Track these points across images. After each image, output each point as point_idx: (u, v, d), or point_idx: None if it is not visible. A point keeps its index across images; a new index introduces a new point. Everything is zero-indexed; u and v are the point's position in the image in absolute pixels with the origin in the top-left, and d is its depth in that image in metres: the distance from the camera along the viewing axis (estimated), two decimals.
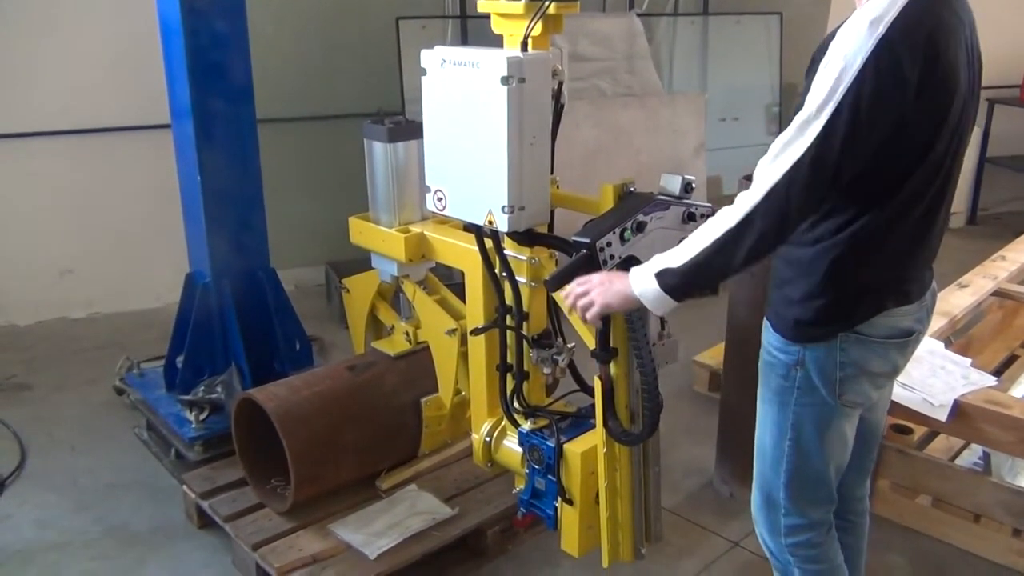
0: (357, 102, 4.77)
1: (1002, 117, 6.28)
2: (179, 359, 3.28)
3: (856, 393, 1.71)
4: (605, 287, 1.74)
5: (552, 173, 2.17)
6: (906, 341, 1.71)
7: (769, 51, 5.85)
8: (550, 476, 2.23)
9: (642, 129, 4.94)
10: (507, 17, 2.08)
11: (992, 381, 2.84)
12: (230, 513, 2.64)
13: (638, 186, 2.07)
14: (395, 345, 2.81)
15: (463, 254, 2.39)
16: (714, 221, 1.58)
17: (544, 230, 2.19)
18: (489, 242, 2.22)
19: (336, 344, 4.15)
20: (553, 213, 2.20)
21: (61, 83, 4.26)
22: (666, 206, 1.99)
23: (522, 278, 2.22)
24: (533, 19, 1.99)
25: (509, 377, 2.30)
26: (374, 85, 4.88)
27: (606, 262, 1.88)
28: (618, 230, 1.90)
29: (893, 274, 1.66)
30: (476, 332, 2.34)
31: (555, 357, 2.24)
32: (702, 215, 2.00)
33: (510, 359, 2.28)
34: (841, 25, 1.50)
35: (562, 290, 1.86)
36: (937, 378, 2.78)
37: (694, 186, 2.03)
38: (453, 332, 2.52)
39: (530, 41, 2.01)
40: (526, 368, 2.28)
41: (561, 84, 2.12)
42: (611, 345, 2.03)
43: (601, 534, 2.18)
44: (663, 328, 2.08)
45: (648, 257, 1.70)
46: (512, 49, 2.04)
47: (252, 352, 3.21)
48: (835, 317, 1.66)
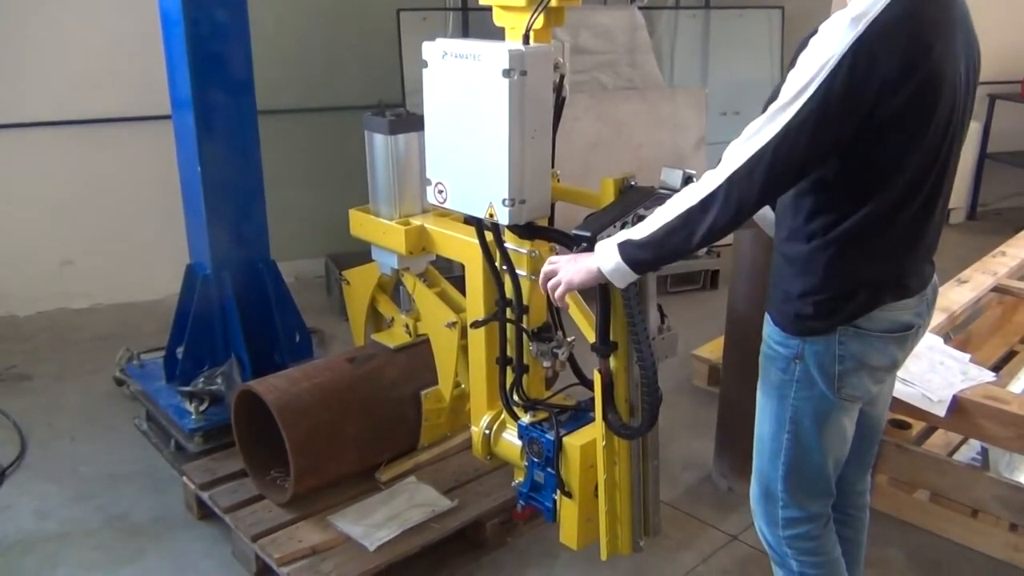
0: (358, 94, 4.77)
1: (1003, 113, 6.26)
2: (179, 350, 3.28)
3: (855, 387, 1.71)
4: (570, 265, 1.78)
5: (553, 167, 2.17)
6: (905, 335, 1.71)
7: (770, 45, 5.84)
8: (549, 469, 2.24)
9: (643, 123, 4.93)
10: (509, 10, 2.07)
11: (991, 377, 2.85)
12: (230, 504, 2.64)
13: (639, 180, 2.07)
14: (395, 338, 2.82)
15: (463, 247, 2.40)
16: (679, 197, 1.61)
17: (544, 223, 2.19)
18: (490, 235, 2.23)
19: (336, 336, 4.15)
20: (554, 207, 2.20)
21: (61, 73, 4.26)
22: (667, 200, 1.98)
23: (522, 271, 2.22)
24: (535, 12, 1.98)
25: (509, 370, 2.31)
26: (375, 77, 4.87)
27: None
28: (619, 224, 1.90)
29: (891, 268, 1.66)
30: (476, 325, 2.34)
31: (555, 350, 2.24)
32: None
33: (510, 352, 2.29)
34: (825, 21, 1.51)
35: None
36: (936, 373, 2.78)
37: (695, 179, 2.02)
38: (453, 325, 2.53)
39: (532, 34, 2.01)
40: (526, 361, 2.29)
41: (563, 77, 2.11)
42: (611, 339, 2.03)
43: (600, 527, 2.19)
44: (663, 322, 2.08)
45: None
46: (514, 42, 2.04)
47: (252, 344, 3.21)
48: (834, 311, 1.66)
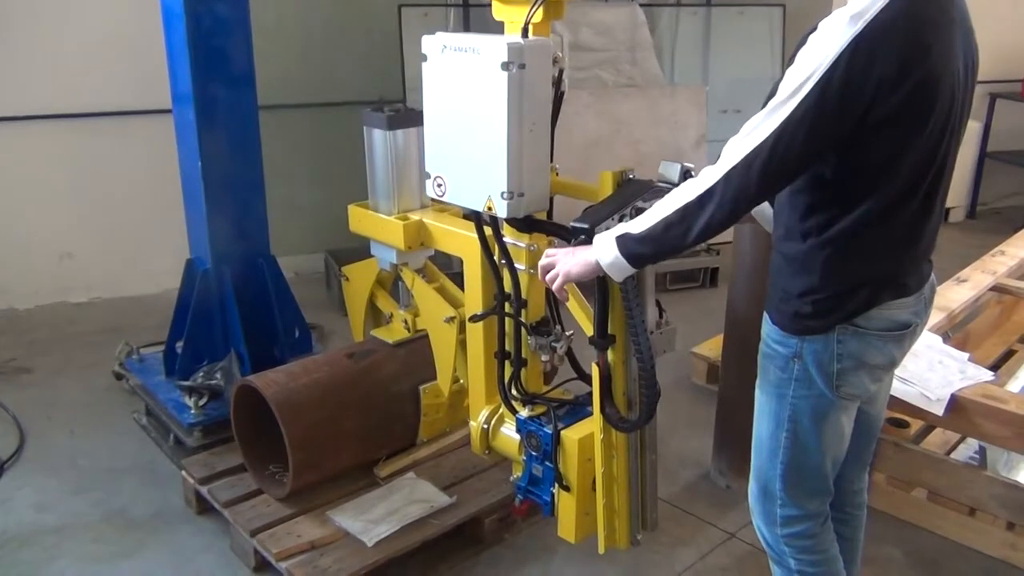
0: (358, 90, 4.77)
1: (1003, 112, 6.26)
2: (179, 345, 3.29)
3: (853, 385, 1.71)
4: (568, 257, 1.79)
5: (552, 161, 2.17)
6: (903, 334, 1.71)
7: (771, 43, 5.83)
8: (547, 463, 2.24)
9: (643, 120, 4.93)
10: (508, 3, 2.07)
11: (989, 376, 2.85)
12: (229, 499, 2.65)
13: (639, 177, 2.07)
14: (394, 333, 2.82)
15: (462, 242, 2.40)
16: (678, 192, 1.62)
17: (543, 217, 2.19)
18: (488, 229, 2.23)
19: (335, 332, 4.15)
20: (552, 201, 2.20)
21: (62, 67, 4.26)
22: (665, 193, 1.98)
23: (521, 265, 2.22)
24: (534, 5, 1.98)
25: (507, 364, 2.31)
26: (375, 73, 4.87)
27: None
28: (617, 216, 1.91)
29: (889, 267, 1.66)
30: (475, 319, 2.34)
31: (553, 344, 2.24)
32: None
33: (508, 346, 2.29)
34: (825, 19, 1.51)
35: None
36: (934, 372, 2.79)
37: (693, 173, 2.02)
38: (452, 320, 2.53)
39: (531, 28, 2.01)
40: (524, 355, 2.29)
41: (562, 71, 2.11)
42: (609, 332, 2.04)
43: (597, 521, 2.19)
44: (661, 316, 2.08)
45: None
46: (513, 35, 2.04)
47: (252, 339, 3.21)
48: (832, 310, 1.66)
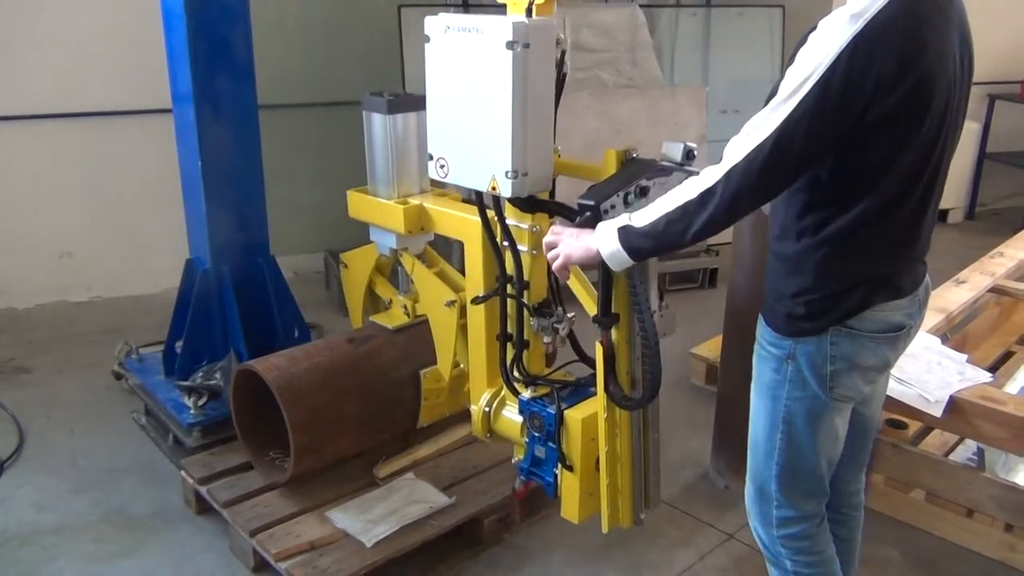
0: (358, 89, 4.69)
1: (1002, 113, 6.26)
2: (178, 344, 3.29)
3: (847, 387, 1.72)
4: (571, 240, 1.79)
5: (554, 142, 2.16)
6: (897, 336, 1.72)
7: (771, 44, 5.83)
8: (550, 443, 2.23)
9: (643, 121, 4.93)
10: None
11: (988, 377, 2.85)
12: (228, 499, 2.65)
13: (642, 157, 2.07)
14: (393, 319, 2.81)
15: (462, 224, 2.39)
16: (680, 189, 1.62)
17: (546, 198, 2.18)
18: (491, 211, 2.22)
19: (335, 331, 4.13)
20: (555, 182, 2.20)
21: (62, 66, 4.25)
22: (669, 172, 1.99)
23: (523, 246, 2.22)
24: None
25: (509, 346, 2.30)
26: (376, 73, 4.86)
27: None
28: (622, 194, 1.91)
29: (884, 268, 1.67)
30: (477, 301, 2.33)
31: (555, 326, 2.24)
32: None
33: (510, 328, 2.28)
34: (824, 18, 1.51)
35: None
36: (933, 374, 2.79)
37: (696, 153, 2.02)
38: (452, 304, 2.52)
39: (534, 8, 2.00)
40: (526, 337, 2.28)
41: (564, 53, 2.11)
42: (613, 311, 2.03)
43: (601, 500, 2.19)
44: (662, 300, 2.09)
45: None
46: (517, 15, 2.03)
47: (251, 338, 3.21)
48: (826, 311, 1.67)
